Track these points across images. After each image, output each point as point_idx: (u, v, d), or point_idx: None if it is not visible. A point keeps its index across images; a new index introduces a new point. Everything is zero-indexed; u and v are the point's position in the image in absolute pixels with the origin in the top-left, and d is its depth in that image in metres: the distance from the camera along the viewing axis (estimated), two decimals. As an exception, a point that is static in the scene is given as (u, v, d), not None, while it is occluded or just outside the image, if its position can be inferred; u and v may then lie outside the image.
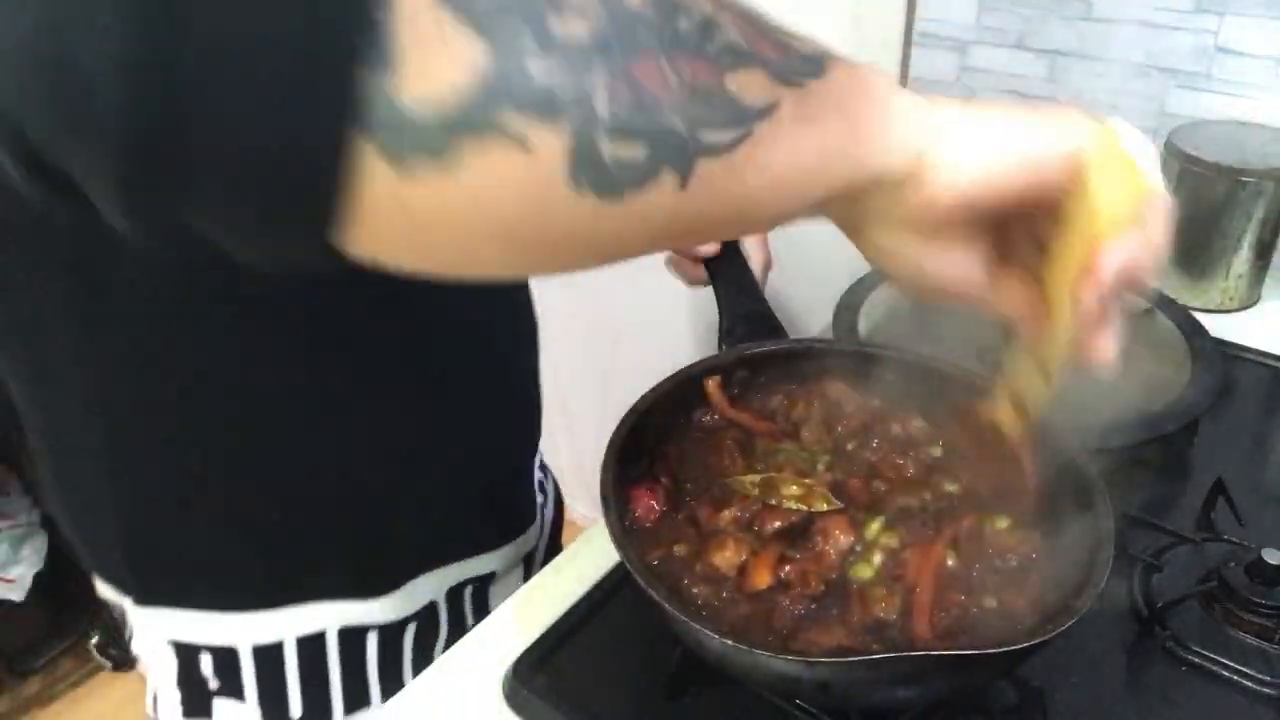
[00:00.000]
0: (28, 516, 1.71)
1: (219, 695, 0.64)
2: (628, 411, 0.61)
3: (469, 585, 0.72)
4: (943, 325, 0.94)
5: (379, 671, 0.67)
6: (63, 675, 1.90)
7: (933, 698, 0.53)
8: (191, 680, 0.63)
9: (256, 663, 0.63)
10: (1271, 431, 0.84)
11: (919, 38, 1.19)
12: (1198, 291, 1.00)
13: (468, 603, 0.72)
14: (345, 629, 0.65)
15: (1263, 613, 0.61)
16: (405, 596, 0.67)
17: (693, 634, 0.49)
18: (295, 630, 0.63)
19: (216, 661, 0.63)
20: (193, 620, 0.61)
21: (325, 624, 0.64)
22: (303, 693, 0.64)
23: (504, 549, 0.74)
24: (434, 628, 0.70)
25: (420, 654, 0.70)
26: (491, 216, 0.28)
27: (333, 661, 0.65)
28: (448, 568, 0.70)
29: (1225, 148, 0.94)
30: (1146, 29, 1.03)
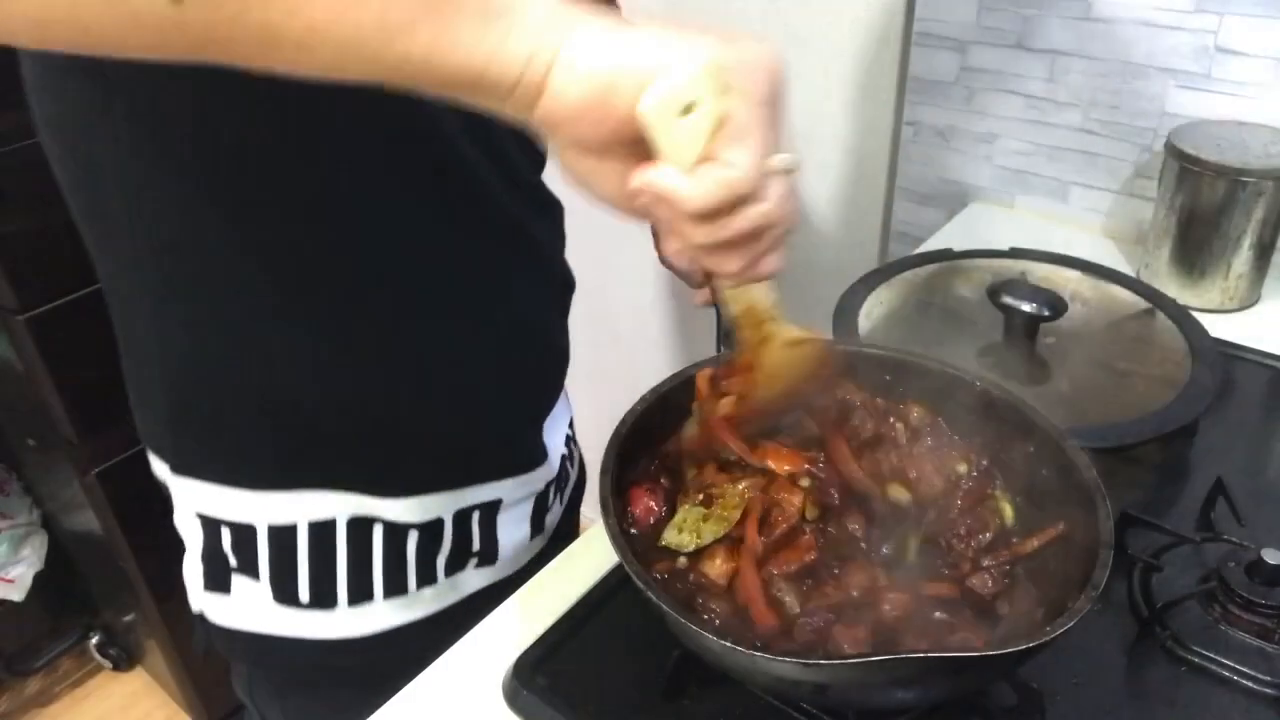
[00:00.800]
0: (28, 516, 1.71)
1: (237, 572, 0.68)
2: (626, 413, 0.61)
3: (477, 510, 0.73)
4: (942, 325, 0.94)
5: (383, 567, 0.69)
6: (63, 675, 1.90)
7: (932, 699, 0.53)
8: (214, 555, 0.68)
9: (271, 542, 0.66)
10: (1271, 431, 0.84)
11: (919, 38, 1.19)
12: (1198, 291, 1.00)
13: (475, 525, 0.74)
14: (354, 518, 0.67)
15: (1263, 613, 0.61)
16: (413, 506, 0.69)
17: (692, 636, 0.49)
18: (308, 514, 0.66)
19: (235, 537, 0.66)
20: (217, 494, 0.66)
21: (336, 512, 0.67)
22: (311, 577, 0.67)
23: (509, 481, 0.75)
24: (437, 541, 0.71)
25: (423, 562, 0.71)
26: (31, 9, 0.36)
27: (341, 549, 0.68)
28: (457, 491, 0.71)
29: (1225, 148, 0.94)
30: (1146, 29, 1.03)
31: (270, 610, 0.69)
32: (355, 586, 0.69)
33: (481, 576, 0.76)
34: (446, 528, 0.72)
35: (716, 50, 0.39)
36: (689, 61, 0.38)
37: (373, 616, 0.70)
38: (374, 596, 0.70)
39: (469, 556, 0.74)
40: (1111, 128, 1.10)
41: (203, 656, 0.75)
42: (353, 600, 0.69)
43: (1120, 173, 1.11)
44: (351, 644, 0.70)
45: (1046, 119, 1.14)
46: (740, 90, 0.39)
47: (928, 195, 1.28)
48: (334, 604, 0.69)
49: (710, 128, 0.39)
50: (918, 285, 0.96)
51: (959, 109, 1.19)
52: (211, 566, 0.69)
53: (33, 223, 1.25)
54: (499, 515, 0.75)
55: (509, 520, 0.76)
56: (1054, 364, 0.84)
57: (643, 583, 0.50)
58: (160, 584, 1.55)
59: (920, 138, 1.25)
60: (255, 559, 0.67)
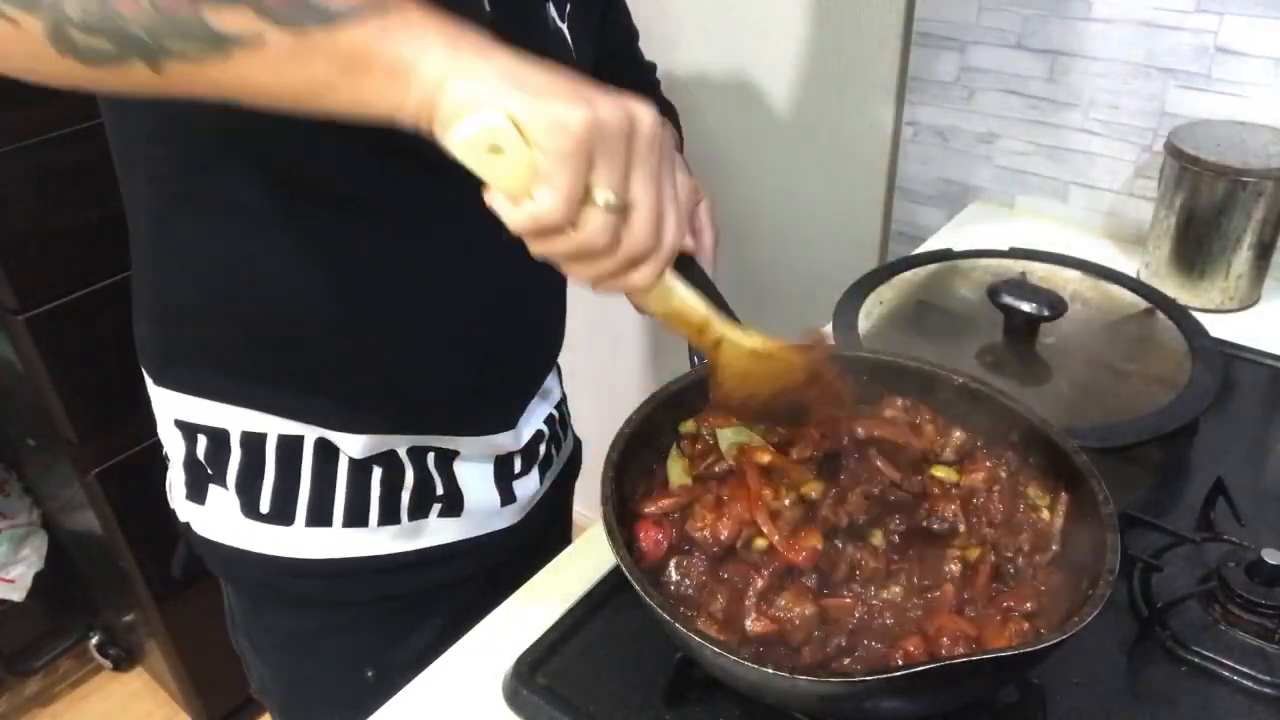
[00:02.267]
0: (28, 516, 1.71)
1: (212, 481, 0.74)
2: (614, 438, 0.61)
3: (432, 452, 0.77)
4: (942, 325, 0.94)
5: (345, 496, 0.74)
6: (63, 675, 1.90)
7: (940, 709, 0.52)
8: (192, 463, 0.74)
9: (242, 447, 0.72)
10: (1271, 431, 0.84)
11: (919, 38, 1.19)
12: (1198, 291, 1.00)
13: (432, 465, 0.77)
14: (321, 439, 0.72)
15: (1263, 613, 0.61)
16: (367, 442, 0.73)
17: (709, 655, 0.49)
18: (278, 429, 0.71)
19: (210, 444, 0.72)
20: (193, 404, 0.72)
21: (304, 430, 0.72)
22: (274, 490, 0.73)
23: (469, 439, 0.78)
24: (399, 476, 0.75)
25: (386, 499, 0.75)
26: (11, 58, 0.46)
27: (306, 468, 0.73)
28: (411, 436, 0.75)
29: (1225, 148, 0.94)
30: (1146, 29, 1.03)
31: (238, 523, 0.74)
32: (315, 507, 0.73)
33: (448, 528, 0.78)
34: (404, 461, 0.75)
35: (526, 104, 0.43)
36: (496, 109, 0.43)
37: (330, 541, 0.74)
38: (332, 522, 0.74)
39: (432, 500, 0.77)
40: (1111, 128, 1.10)
41: (179, 578, 0.81)
42: (310, 520, 0.73)
43: (1120, 173, 1.11)
44: (309, 565, 0.74)
45: (1046, 119, 1.14)
46: (538, 144, 0.43)
47: (928, 195, 1.28)
48: (292, 520, 0.73)
49: (525, 170, 0.44)
50: (918, 285, 0.96)
51: (959, 109, 1.19)
52: (191, 475, 0.75)
53: (33, 223, 1.25)
54: (455, 463, 0.78)
55: (470, 472, 0.79)
56: (1054, 364, 0.84)
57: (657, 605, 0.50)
58: (160, 584, 1.55)
59: (920, 138, 1.25)
60: (226, 467, 0.72)
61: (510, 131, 0.43)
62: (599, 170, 0.44)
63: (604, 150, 0.44)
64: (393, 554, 0.76)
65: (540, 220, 0.44)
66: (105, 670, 1.90)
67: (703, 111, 1.45)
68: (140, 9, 0.43)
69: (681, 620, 0.50)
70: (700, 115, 1.45)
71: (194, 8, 0.43)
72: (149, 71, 0.45)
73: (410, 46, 0.44)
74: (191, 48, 0.44)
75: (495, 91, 0.44)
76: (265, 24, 0.44)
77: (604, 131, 0.44)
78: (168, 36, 0.44)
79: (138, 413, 1.42)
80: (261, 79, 0.45)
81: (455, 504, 0.79)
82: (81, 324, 1.34)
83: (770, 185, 1.46)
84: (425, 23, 0.45)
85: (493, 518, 0.82)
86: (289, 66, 0.45)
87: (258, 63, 0.45)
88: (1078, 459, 0.57)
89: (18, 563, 1.67)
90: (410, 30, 0.45)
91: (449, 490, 0.78)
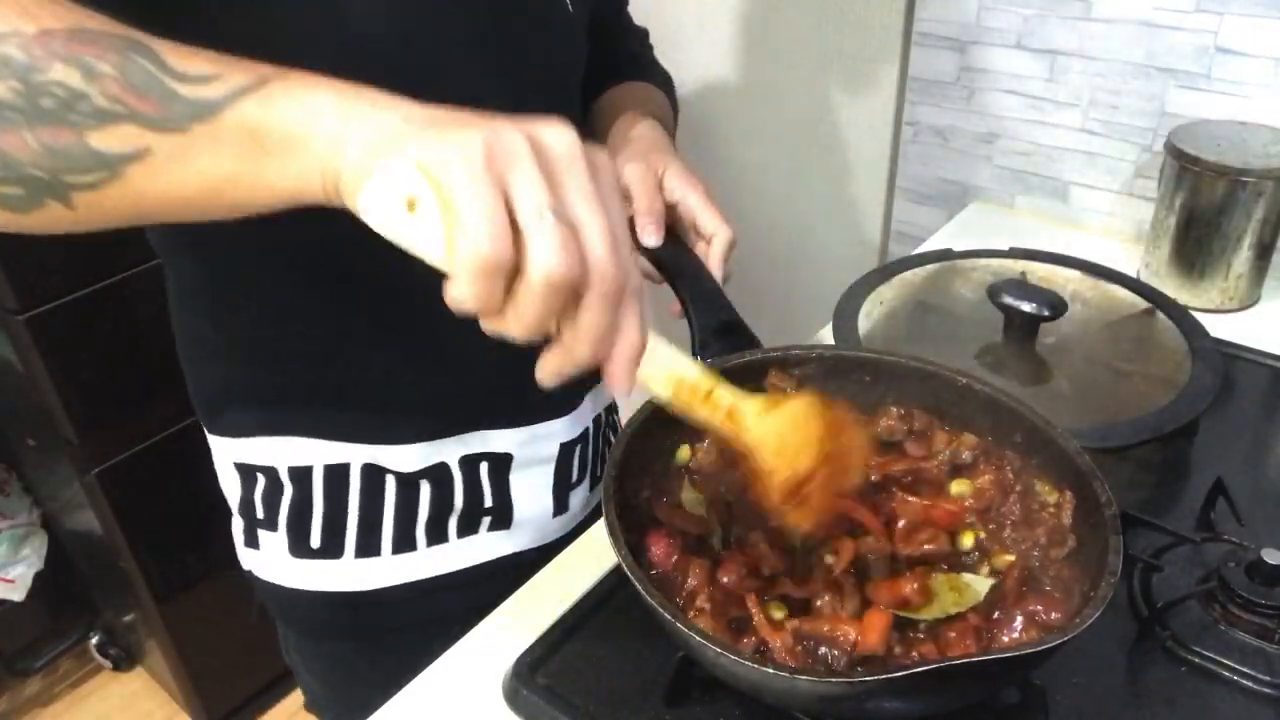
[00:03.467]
0: (28, 516, 1.71)
1: (262, 527, 0.75)
2: (615, 443, 0.61)
3: (485, 461, 0.75)
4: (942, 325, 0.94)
5: (394, 518, 0.73)
6: (63, 675, 1.90)
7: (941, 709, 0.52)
8: (247, 508, 0.75)
9: (293, 482, 0.72)
10: (1271, 431, 0.84)
11: (919, 38, 1.19)
12: (1198, 291, 0.99)
13: (485, 477, 0.76)
14: (367, 465, 0.72)
15: (1263, 613, 0.61)
16: (418, 452, 0.72)
17: (716, 659, 0.49)
18: (324, 457, 0.72)
19: (266, 483, 0.73)
20: (243, 445, 0.73)
21: (351, 458, 0.72)
22: (324, 523, 0.73)
23: (520, 430, 0.76)
24: (448, 494, 0.74)
25: (435, 519, 0.74)
26: None
27: (353, 495, 0.72)
28: (462, 437, 0.74)
29: (1225, 148, 0.94)
30: (1146, 29, 1.03)
31: (288, 564, 0.75)
32: (363, 537, 0.73)
33: (498, 542, 0.77)
34: (455, 476, 0.74)
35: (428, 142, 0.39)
36: (402, 159, 0.39)
37: (380, 570, 0.74)
38: (381, 551, 0.74)
39: (481, 515, 0.76)
40: (1111, 128, 1.10)
41: (254, 621, 0.82)
42: (360, 551, 0.73)
43: (1120, 173, 1.11)
44: (360, 596, 0.75)
45: (1046, 119, 1.14)
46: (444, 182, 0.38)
47: (928, 195, 1.28)
48: (341, 553, 0.73)
49: (448, 220, 0.38)
50: (918, 285, 0.96)
51: (959, 109, 1.19)
52: (246, 520, 0.76)
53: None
54: (511, 473, 0.77)
55: (524, 481, 0.77)
56: (1054, 364, 0.84)
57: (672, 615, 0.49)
58: (160, 584, 1.55)
59: (920, 138, 1.25)
60: (279, 505, 0.73)
61: (419, 178, 0.38)
62: (517, 188, 0.39)
63: (517, 167, 0.39)
64: (444, 574, 0.76)
65: (480, 257, 0.37)
66: (105, 670, 1.90)
67: (704, 111, 1.45)
68: (29, 148, 0.42)
69: (682, 619, 0.50)
70: (701, 115, 1.45)
71: (76, 135, 0.42)
72: (64, 209, 0.44)
73: (298, 114, 0.42)
74: (86, 177, 0.43)
75: (395, 138, 0.40)
76: (146, 133, 0.42)
77: (510, 148, 0.39)
78: (62, 170, 0.43)
79: (138, 413, 1.43)
80: (161, 189, 0.44)
81: (505, 516, 0.77)
82: (81, 324, 1.34)
83: (770, 185, 1.46)
84: (310, 86, 0.42)
85: (544, 529, 0.80)
86: (182, 170, 0.43)
87: (152, 174, 0.43)
88: (1080, 460, 0.57)
89: (18, 563, 1.67)
90: (293, 98, 0.42)
91: (498, 502, 0.77)
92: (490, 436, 0.75)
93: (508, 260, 0.38)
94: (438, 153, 0.39)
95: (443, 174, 0.38)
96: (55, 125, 0.42)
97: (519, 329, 0.40)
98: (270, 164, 0.42)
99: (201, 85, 0.43)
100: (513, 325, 0.40)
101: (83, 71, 0.42)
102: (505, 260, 0.38)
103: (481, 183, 0.38)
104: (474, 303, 0.39)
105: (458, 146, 0.39)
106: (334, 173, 0.41)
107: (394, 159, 0.39)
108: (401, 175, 0.39)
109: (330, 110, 0.42)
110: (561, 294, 0.39)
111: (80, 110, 0.42)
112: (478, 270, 0.38)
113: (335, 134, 0.41)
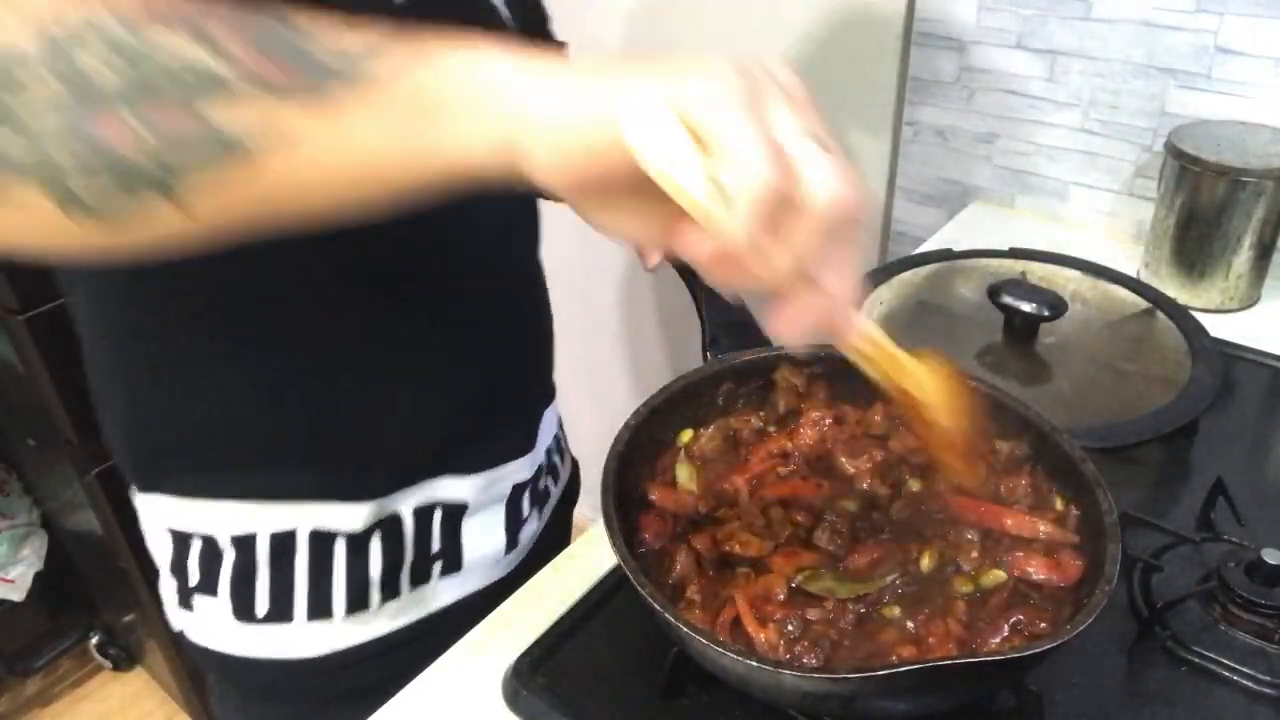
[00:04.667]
0: (28, 516, 1.71)
1: (198, 591, 0.68)
2: (616, 437, 0.61)
3: (439, 509, 0.72)
4: (942, 325, 0.94)
5: (345, 579, 0.68)
6: (63, 675, 1.90)
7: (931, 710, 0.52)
8: (180, 570, 0.68)
9: (236, 549, 0.66)
10: (1271, 431, 0.84)
11: (919, 38, 1.19)
12: (1198, 291, 0.99)
13: (436, 527, 0.72)
14: (315, 532, 0.66)
15: (1263, 613, 0.61)
16: (373, 508, 0.68)
17: (704, 651, 0.49)
18: (269, 524, 0.66)
19: (204, 548, 0.66)
20: (180, 507, 0.66)
21: (297, 523, 0.66)
22: (271, 589, 0.67)
23: (477, 476, 0.73)
24: (400, 546, 0.70)
25: (387, 575, 0.70)
26: (25, 246, 0.39)
27: (301, 562, 0.67)
28: (419, 486, 0.70)
29: (1225, 148, 0.94)
30: (1146, 29, 1.03)
31: (232, 628, 0.68)
32: (314, 601, 0.68)
33: (449, 588, 0.74)
34: (407, 527, 0.70)
35: (669, 78, 0.36)
36: (653, 96, 0.36)
37: (331, 634, 0.69)
38: (333, 614, 0.69)
39: (432, 561, 0.72)
40: (1111, 128, 1.10)
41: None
42: (311, 614, 0.68)
43: (1120, 173, 1.11)
44: (309, 663, 0.69)
45: (1046, 119, 1.14)
46: (705, 123, 0.36)
47: (928, 195, 1.28)
48: (291, 617, 0.68)
49: (714, 156, 0.36)
50: (918, 285, 0.96)
51: (959, 109, 1.19)
52: (180, 581, 0.69)
53: (33, 223, 1.25)
54: (464, 521, 0.73)
55: (477, 526, 0.74)
56: (1054, 364, 0.84)
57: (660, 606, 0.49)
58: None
59: (920, 138, 1.25)
60: (218, 573, 0.67)
61: (668, 116, 0.35)
62: (777, 119, 0.36)
63: (770, 100, 0.37)
64: (395, 630, 0.72)
65: (765, 184, 0.35)
66: (105, 670, 1.90)
67: (703, 111, 1.45)
68: (135, 137, 0.36)
69: (671, 610, 0.50)
70: (700, 115, 1.45)
71: (191, 114, 0.36)
72: (173, 209, 0.37)
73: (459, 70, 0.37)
74: (203, 162, 0.37)
75: (614, 82, 0.36)
76: (279, 106, 0.36)
77: (759, 81, 0.37)
78: (173, 157, 0.36)
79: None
80: (301, 172, 0.38)
81: (456, 560, 0.74)
82: (81, 324, 1.34)
83: (770, 185, 1.46)
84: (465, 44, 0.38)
85: (494, 568, 0.77)
86: (328, 145, 0.37)
87: (290, 154, 0.37)
88: (1084, 467, 0.57)
89: (18, 563, 1.67)
90: (448, 53, 0.37)
91: (449, 547, 0.73)
92: (447, 484, 0.71)
93: (791, 189, 0.36)
94: (687, 90, 0.36)
95: (702, 111, 0.35)
96: (160, 101, 0.36)
97: (790, 265, 0.37)
98: (434, 130, 0.37)
99: (338, 45, 0.37)
100: (782, 262, 0.37)
101: (197, 37, 0.36)
102: (789, 189, 0.36)
103: (747, 110, 0.36)
104: (754, 237, 0.36)
105: (709, 80, 0.36)
106: (521, 132, 0.37)
107: (638, 96, 0.36)
108: (643, 116, 0.36)
109: (501, 64, 0.37)
110: (843, 223, 0.37)
111: (198, 83, 0.36)
112: (762, 199, 0.35)
113: (514, 88, 0.37)
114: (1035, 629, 0.52)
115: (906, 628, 0.54)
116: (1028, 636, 0.52)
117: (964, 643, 0.53)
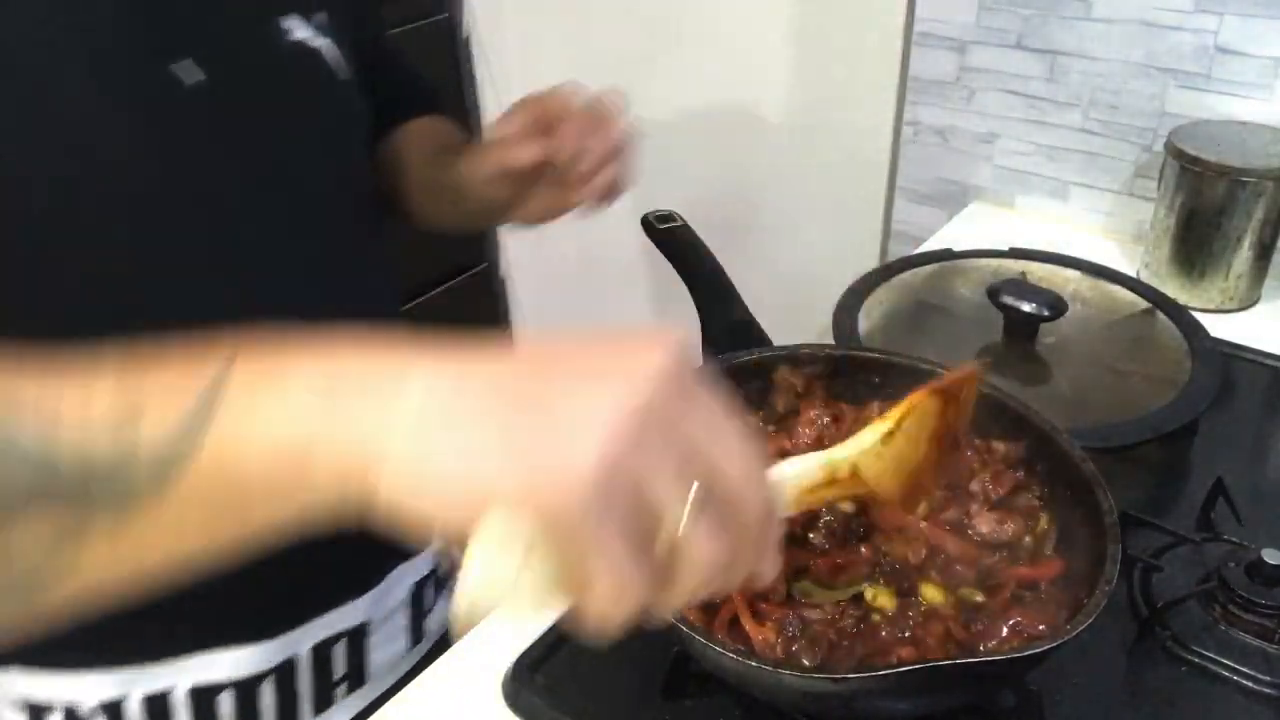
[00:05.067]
0: (28, 516, 1.71)
1: None
2: None
3: (343, 639, 0.68)
4: (942, 325, 0.94)
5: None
6: (63, 675, 1.90)
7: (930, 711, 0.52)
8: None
9: (104, 713, 0.60)
10: (1271, 431, 0.84)
11: (919, 38, 1.19)
12: (1198, 291, 0.99)
13: (342, 655, 0.68)
14: (194, 689, 0.61)
15: (1263, 613, 0.61)
16: (261, 652, 0.63)
17: (704, 651, 0.49)
18: (143, 686, 0.60)
19: (64, 716, 0.60)
20: (36, 681, 0.59)
21: (173, 680, 0.61)
22: None
23: (373, 590, 0.69)
24: (293, 687, 0.65)
25: (285, 711, 0.66)
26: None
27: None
28: (310, 624, 0.65)
29: (1225, 148, 0.94)
30: (1146, 29, 1.03)
31: None
32: None
33: (353, 704, 0.70)
34: (304, 667, 0.65)
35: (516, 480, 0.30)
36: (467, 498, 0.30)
37: None
38: None
39: (334, 687, 0.69)
40: (1111, 128, 1.10)
41: None
42: None
43: (1120, 173, 1.11)
44: None
45: (1046, 119, 1.14)
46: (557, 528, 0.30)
47: (928, 195, 1.28)
48: None
49: (565, 572, 0.31)
50: (918, 285, 0.96)
51: (959, 109, 1.19)
52: None
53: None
54: (368, 639, 0.70)
55: (379, 638, 0.71)
56: (1054, 364, 0.84)
57: None
58: (160, 584, 1.54)
59: (920, 138, 1.25)
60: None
61: (512, 524, 0.30)
62: (653, 488, 0.31)
63: (643, 464, 0.30)
64: None
65: (624, 611, 0.31)
66: (105, 670, 1.90)
67: (703, 111, 1.45)
68: None
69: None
70: (701, 115, 1.45)
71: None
72: None
73: (279, 426, 0.30)
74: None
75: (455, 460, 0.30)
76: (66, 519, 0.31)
77: (631, 456, 0.30)
78: None
79: (138, 413, 1.43)
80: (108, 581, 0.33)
81: (360, 677, 0.70)
82: (81, 324, 1.33)
83: (770, 185, 1.46)
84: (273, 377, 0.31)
85: (401, 666, 0.73)
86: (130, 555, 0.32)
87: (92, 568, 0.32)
88: (1085, 467, 0.57)
89: (18, 563, 1.66)
90: (260, 405, 0.31)
91: (353, 668, 0.69)
92: (342, 614, 0.67)
93: (653, 597, 0.32)
94: (536, 493, 0.29)
95: (554, 528, 0.30)
96: None
97: (675, 605, 0.34)
98: (258, 510, 0.32)
99: (126, 429, 0.30)
100: (665, 603, 0.33)
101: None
102: (651, 599, 0.32)
103: (605, 529, 0.30)
104: (618, 631, 0.33)
105: (559, 480, 0.29)
106: (361, 487, 0.31)
107: (467, 499, 0.30)
108: (492, 521, 0.30)
109: (317, 407, 0.30)
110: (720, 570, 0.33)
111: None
112: (625, 616, 0.32)
113: (342, 441, 0.30)
114: (1034, 630, 0.52)
115: (904, 627, 0.54)
116: (1027, 637, 0.52)
117: (964, 643, 0.53)
